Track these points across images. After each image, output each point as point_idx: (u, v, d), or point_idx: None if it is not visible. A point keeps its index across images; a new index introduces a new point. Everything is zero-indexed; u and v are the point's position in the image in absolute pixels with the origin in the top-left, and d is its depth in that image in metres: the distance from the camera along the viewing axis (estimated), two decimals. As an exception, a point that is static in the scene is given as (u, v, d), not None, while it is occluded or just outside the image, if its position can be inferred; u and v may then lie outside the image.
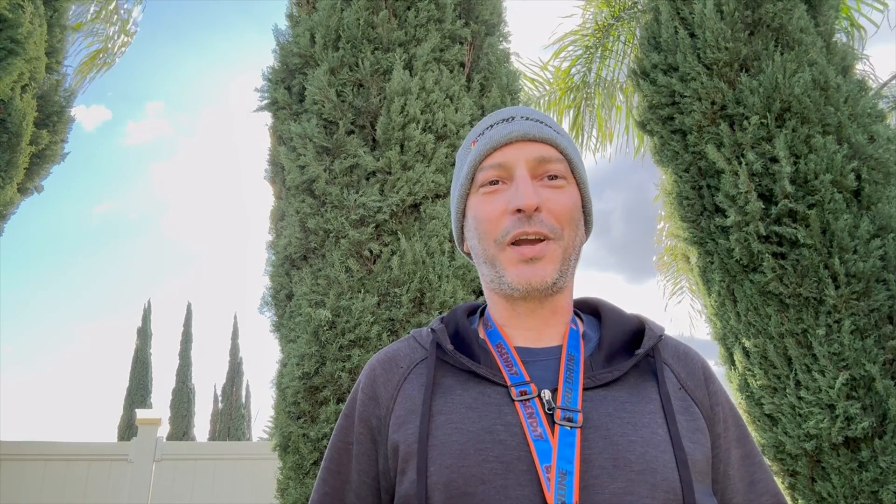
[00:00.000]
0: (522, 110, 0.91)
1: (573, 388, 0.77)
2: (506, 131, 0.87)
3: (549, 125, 0.90)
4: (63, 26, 4.76)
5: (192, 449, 5.69)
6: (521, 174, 0.83)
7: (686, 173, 3.22)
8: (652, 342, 0.83)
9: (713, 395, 0.85)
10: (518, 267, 0.82)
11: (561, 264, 0.83)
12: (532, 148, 0.86)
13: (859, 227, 2.68)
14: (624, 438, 0.73)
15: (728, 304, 3.04)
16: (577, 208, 0.86)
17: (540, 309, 0.86)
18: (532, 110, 0.92)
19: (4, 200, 4.00)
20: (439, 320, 0.90)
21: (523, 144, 0.86)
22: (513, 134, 0.86)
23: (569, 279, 0.86)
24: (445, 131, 2.90)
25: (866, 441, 2.53)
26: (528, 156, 0.85)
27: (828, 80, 2.90)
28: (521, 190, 0.82)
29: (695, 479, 0.74)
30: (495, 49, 3.28)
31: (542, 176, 0.85)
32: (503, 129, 0.87)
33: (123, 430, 21.85)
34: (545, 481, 0.69)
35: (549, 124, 0.90)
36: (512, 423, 0.74)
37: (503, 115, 0.91)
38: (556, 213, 0.83)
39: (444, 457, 0.73)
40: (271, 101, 3.20)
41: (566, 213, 0.84)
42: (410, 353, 0.88)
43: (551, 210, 0.83)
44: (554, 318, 0.86)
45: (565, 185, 0.86)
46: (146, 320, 25.02)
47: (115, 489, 4.64)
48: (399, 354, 0.89)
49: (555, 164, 0.86)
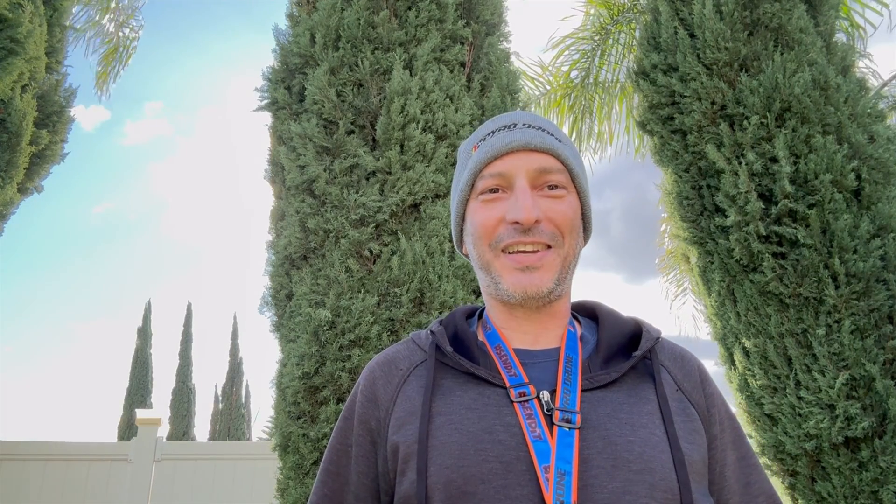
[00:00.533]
0: (524, 116, 0.90)
1: (571, 390, 0.77)
2: (507, 140, 0.86)
3: (551, 133, 0.89)
4: (63, 26, 4.76)
5: (192, 449, 5.69)
6: (521, 185, 0.83)
7: (686, 173, 3.22)
8: (649, 344, 0.83)
9: (709, 396, 0.86)
10: (514, 275, 0.82)
11: (559, 273, 0.83)
12: (533, 158, 0.85)
13: (859, 227, 2.68)
14: (622, 439, 0.74)
15: (728, 304, 3.05)
16: (576, 217, 0.86)
17: (537, 314, 0.86)
18: (534, 116, 0.91)
19: (4, 200, 4.00)
20: (438, 323, 0.90)
21: (524, 154, 0.85)
22: (514, 143, 0.85)
23: (566, 286, 0.87)
24: (445, 131, 2.90)
25: (866, 441, 2.53)
26: (528, 166, 0.84)
27: (828, 80, 2.90)
28: (520, 202, 0.81)
29: (692, 479, 0.75)
30: (495, 49, 3.28)
31: (543, 185, 0.85)
32: (504, 138, 0.87)
33: (123, 430, 21.87)
34: (544, 481, 0.69)
35: (551, 132, 0.89)
36: (511, 424, 0.75)
37: (505, 121, 0.90)
38: (556, 222, 0.83)
39: (443, 457, 0.73)
40: (271, 100, 3.20)
41: (566, 222, 0.84)
42: (410, 356, 0.89)
43: (552, 219, 0.83)
44: (552, 322, 0.87)
45: (565, 194, 0.85)
46: (146, 320, 25.04)
47: (115, 489, 4.64)
48: (398, 357, 0.90)
49: (555, 174, 0.85)
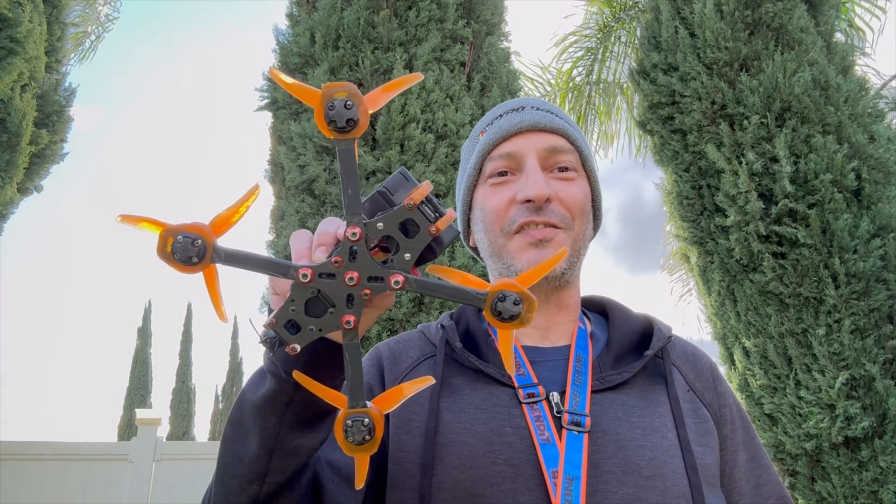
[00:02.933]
0: (532, 101, 0.88)
1: (581, 391, 0.75)
2: (516, 120, 0.84)
3: (560, 115, 0.87)
4: (63, 24, 4.76)
5: (192, 449, 5.69)
6: (532, 164, 0.80)
7: (686, 173, 3.22)
8: (661, 343, 0.81)
9: (721, 396, 0.84)
10: (528, 252, 0.79)
11: (570, 255, 0.81)
12: (543, 138, 0.82)
13: (859, 227, 2.68)
14: (633, 444, 0.72)
15: (728, 304, 3.05)
16: (587, 201, 0.84)
17: (546, 305, 0.83)
18: (542, 101, 0.89)
19: (4, 200, 4.00)
20: (448, 317, 0.87)
21: (534, 134, 0.83)
22: (523, 123, 0.83)
23: (576, 273, 0.84)
24: (445, 131, 2.90)
25: (866, 441, 2.53)
26: (538, 146, 0.82)
27: (828, 80, 2.90)
28: (531, 181, 0.79)
29: (705, 483, 0.73)
30: (496, 48, 3.28)
31: (553, 167, 0.82)
32: (513, 119, 0.84)
33: (123, 429, 21.86)
34: (552, 487, 0.68)
35: (559, 115, 0.87)
36: (521, 426, 0.72)
37: (513, 104, 0.88)
38: (567, 204, 0.80)
39: (451, 456, 0.71)
40: (271, 100, 3.20)
41: (577, 205, 0.81)
42: (420, 346, 0.86)
43: (563, 200, 0.80)
44: (561, 316, 0.84)
45: (576, 177, 0.83)
46: (146, 320, 25.03)
47: (114, 489, 4.64)
48: (408, 345, 0.86)
49: (566, 154, 0.83)
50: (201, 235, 0.48)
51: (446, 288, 0.52)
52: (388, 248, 0.53)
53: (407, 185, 0.57)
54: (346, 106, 0.49)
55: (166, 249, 0.48)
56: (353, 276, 0.51)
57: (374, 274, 0.51)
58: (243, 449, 0.62)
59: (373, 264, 0.51)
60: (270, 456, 0.61)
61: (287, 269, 0.51)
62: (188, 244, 0.48)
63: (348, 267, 0.51)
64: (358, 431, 0.50)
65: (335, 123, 0.49)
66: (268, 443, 0.60)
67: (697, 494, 0.70)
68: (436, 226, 0.52)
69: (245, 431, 0.62)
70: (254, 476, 0.61)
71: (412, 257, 0.52)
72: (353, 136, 0.50)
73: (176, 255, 0.48)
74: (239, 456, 0.62)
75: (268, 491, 0.62)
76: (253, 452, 0.61)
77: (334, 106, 0.49)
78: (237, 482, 0.62)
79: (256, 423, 0.60)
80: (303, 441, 0.61)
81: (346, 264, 0.51)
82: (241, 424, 0.62)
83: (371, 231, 0.51)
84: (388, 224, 0.52)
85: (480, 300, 0.51)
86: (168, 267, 0.49)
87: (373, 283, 0.51)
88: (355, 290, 0.51)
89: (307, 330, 0.52)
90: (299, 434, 0.61)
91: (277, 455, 0.61)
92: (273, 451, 0.60)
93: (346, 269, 0.51)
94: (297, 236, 0.57)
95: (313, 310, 0.52)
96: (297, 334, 0.52)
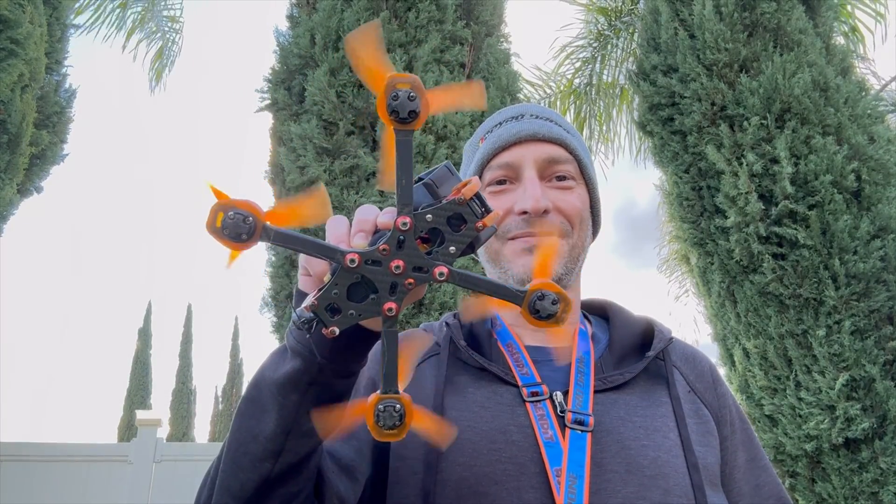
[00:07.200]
0: (532, 108, 0.88)
1: (584, 392, 0.76)
2: (514, 130, 0.84)
3: (559, 123, 0.87)
4: (63, 24, 4.76)
5: (192, 450, 5.68)
6: (530, 175, 0.81)
7: (686, 174, 3.22)
8: (662, 345, 0.82)
9: (721, 397, 0.85)
10: (523, 257, 0.80)
11: (567, 261, 0.82)
12: (541, 148, 0.83)
13: (859, 228, 2.68)
14: (636, 443, 0.72)
15: (728, 305, 3.05)
16: (586, 208, 0.85)
17: None
18: (542, 108, 0.90)
19: (4, 201, 4.00)
20: (453, 315, 0.87)
21: (532, 144, 0.83)
22: (522, 133, 0.84)
23: (575, 278, 0.85)
24: (445, 132, 2.90)
25: (866, 442, 2.53)
26: (536, 156, 0.83)
27: (827, 81, 2.91)
28: (528, 192, 0.80)
29: (707, 483, 0.73)
30: (495, 50, 3.29)
31: (551, 177, 0.83)
32: (512, 128, 0.85)
33: (123, 430, 21.85)
34: (555, 485, 0.68)
35: (559, 123, 0.88)
36: (525, 425, 0.73)
37: (512, 112, 0.88)
38: (565, 212, 0.82)
39: (455, 454, 0.71)
40: (271, 101, 3.21)
41: (576, 213, 0.82)
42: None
43: (561, 209, 0.81)
44: None
45: (574, 185, 0.84)
46: (147, 321, 25.02)
47: (114, 490, 4.64)
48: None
49: (564, 164, 0.83)
50: (253, 213, 0.49)
51: (487, 283, 0.54)
52: (430, 239, 0.53)
53: (452, 179, 0.58)
54: (410, 97, 0.49)
55: (216, 224, 0.48)
56: (398, 264, 0.52)
57: (419, 264, 0.52)
58: (259, 426, 0.62)
59: (419, 255, 0.52)
60: (287, 435, 0.61)
61: (335, 253, 0.51)
62: (239, 221, 0.48)
63: (395, 255, 0.52)
64: (389, 417, 0.51)
65: (397, 114, 0.50)
66: (286, 421, 0.60)
67: (700, 494, 0.71)
68: (483, 222, 0.53)
69: (262, 409, 0.61)
70: (268, 454, 0.61)
71: (457, 251, 0.53)
72: (412, 128, 0.51)
73: (226, 231, 0.48)
74: (254, 433, 0.62)
75: (280, 470, 0.62)
76: (269, 430, 0.61)
77: (398, 96, 0.49)
78: (249, 459, 0.62)
79: (276, 401, 0.60)
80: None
81: (394, 252, 0.52)
82: (259, 402, 0.62)
83: (420, 222, 0.52)
84: (438, 216, 0.53)
85: (519, 297, 0.52)
86: (216, 242, 0.49)
87: (416, 273, 0.52)
88: (399, 278, 0.52)
89: (347, 314, 0.52)
90: None
91: (294, 435, 0.61)
92: (290, 431, 0.61)
93: (392, 258, 0.52)
94: (336, 221, 0.58)
95: (354, 295, 0.52)
96: (336, 318, 0.52)
